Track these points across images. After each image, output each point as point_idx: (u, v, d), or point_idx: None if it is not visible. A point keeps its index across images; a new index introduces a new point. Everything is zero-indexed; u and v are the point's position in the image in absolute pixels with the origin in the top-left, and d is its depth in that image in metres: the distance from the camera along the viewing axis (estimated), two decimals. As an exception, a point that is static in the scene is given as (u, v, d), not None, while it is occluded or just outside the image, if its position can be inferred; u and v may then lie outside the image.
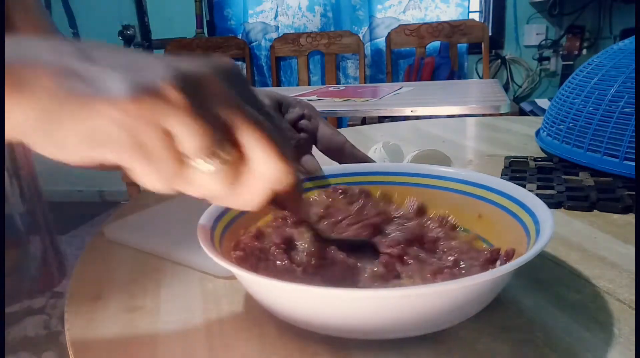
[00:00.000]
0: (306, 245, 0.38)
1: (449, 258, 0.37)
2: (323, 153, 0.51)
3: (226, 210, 0.38)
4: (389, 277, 0.36)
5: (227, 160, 0.25)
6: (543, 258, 0.41)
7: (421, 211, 0.44)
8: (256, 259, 0.36)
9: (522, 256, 0.29)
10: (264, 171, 0.26)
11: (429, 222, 0.42)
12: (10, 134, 0.24)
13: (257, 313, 0.34)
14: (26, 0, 0.60)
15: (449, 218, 0.42)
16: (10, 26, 0.57)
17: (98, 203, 3.05)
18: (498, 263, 0.35)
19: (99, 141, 0.24)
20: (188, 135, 0.24)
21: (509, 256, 0.35)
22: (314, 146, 0.52)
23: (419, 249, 0.38)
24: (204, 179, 0.25)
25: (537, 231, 0.33)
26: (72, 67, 0.23)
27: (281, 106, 0.50)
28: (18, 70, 0.23)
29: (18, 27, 0.58)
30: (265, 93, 0.50)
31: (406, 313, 0.28)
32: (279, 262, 0.36)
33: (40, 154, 0.25)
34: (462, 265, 0.36)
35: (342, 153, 0.50)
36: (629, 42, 0.65)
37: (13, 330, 0.55)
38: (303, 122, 0.50)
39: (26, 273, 0.59)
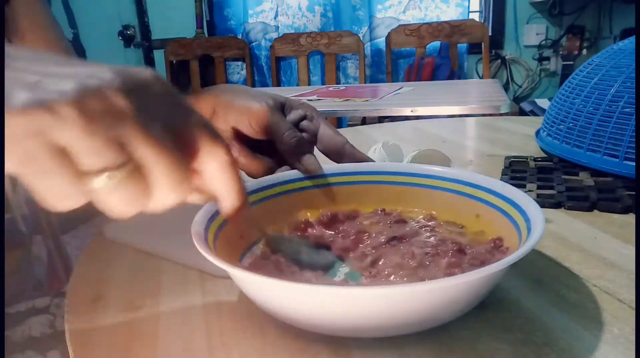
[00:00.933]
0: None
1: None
2: (323, 153, 0.51)
3: (217, 213, 0.38)
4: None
5: (123, 178, 0.24)
6: (543, 258, 0.41)
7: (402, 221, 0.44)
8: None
9: (514, 253, 0.29)
10: (162, 181, 0.25)
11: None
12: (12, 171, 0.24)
13: (257, 313, 0.34)
14: (35, 8, 0.60)
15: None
16: (18, 34, 0.58)
17: (98, 203, 3.04)
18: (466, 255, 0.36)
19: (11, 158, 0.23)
20: (83, 152, 0.23)
21: (497, 245, 0.36)
22: (315, 147, 0.52)
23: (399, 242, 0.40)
24: (109, 198, 0.25)
25: (529, 230, 0.33)
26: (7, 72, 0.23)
27: (284, 107, 0.51)
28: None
29: (25, 36, 0.58)
30: (270, 95, 0.51)
31: (405, 310, 0.29)
32: None
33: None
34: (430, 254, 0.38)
35: (341, 153, 0.50)
36: (629, 42, 0.65)
37: (18, 330, 0.56)
38: (304, 122, 0.51)
39: (30, 273, 0.59)
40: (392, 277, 0.36)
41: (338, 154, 0.51)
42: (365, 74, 2.54)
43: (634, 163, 0.56)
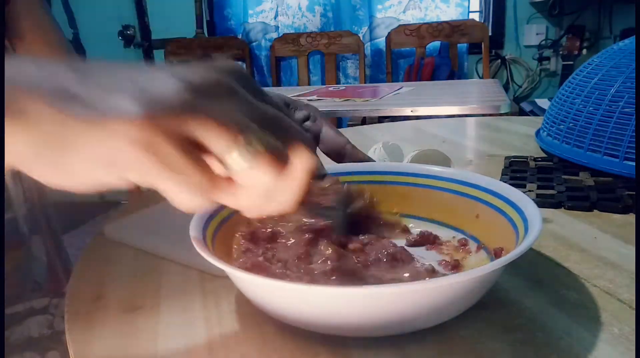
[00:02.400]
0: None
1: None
2: (325, 154, 0.52)
3: (215, 212, 0.38)
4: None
5: (259, 150, 0.24)
6: (543, 258, 0.41)
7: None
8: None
9: (511, 252, 0.29)
10: (300, 161, 0.25)
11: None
12: (11, 162, 0.23)
13: (257, 313, 0.34)
14: (35, 10, 0.60)
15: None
16: (18, 35, 0.57)
17: (98, 203, 3.04)
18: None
19: (117, 164, 0.23)
20: (213, 136, 0.23)
21: (498, 254, 0.36)
22: (317, 148, 0.52)
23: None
24: (244, 177, 0.25)
25: (526, 230, 0.33)
26: (71, 90, 0.23)
27: (288, 106, 0.51)
28: (13, 96, 0.22)
29: (25, 37, 0.58)
30: (275, 94, 0.51)
31: (403, 309, 0.29)
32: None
33: (47, 184, 0.24)
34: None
35: (342, 153, 0.50)
36: (629, 42, 0.65)
37: (17, 330, 0.55)
38: (307, 123, 0.51)
39: (29, 274, 0.59)
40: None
41: (339, 154, 0.51)
42: (365, 74, 2.53)
43: (634, 163, 0.56)
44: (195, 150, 0.24)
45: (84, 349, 0.33)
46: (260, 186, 0.25)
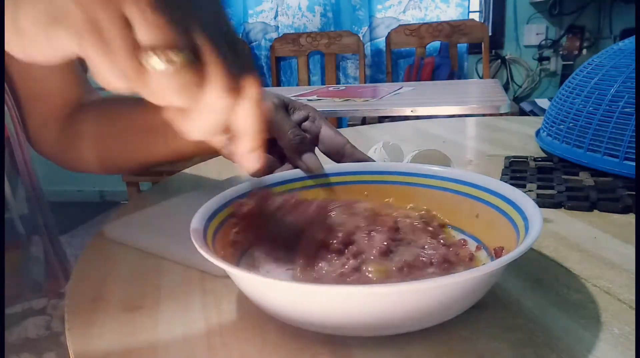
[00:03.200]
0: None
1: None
2: (324, 154, 0.52)
3: (215, 213, 0.38)
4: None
5: (182, 64, 0.24)
6: (543, 258, 0.41)
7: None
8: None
9: (511, 252, 0.29)
10: (215, 81, 0.25)
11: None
12: None
13: (257, 313, 0.34)
14: None
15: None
16: None
17: (98, 203, 3.05)
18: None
19: (56, 19, 0.23)
20: (146, 25, 0.23)
21: (498, 254, 0.36)
22: (316, 148, 0.52)
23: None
24: (160, 82, 0.24)
25: (527, 230, 0.33)
26: None
27: (288, 107, 0.51)
28: None
29: None
30: (274, 94, 0.51)
31: (403, 308, 0.29)
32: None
33: (14, 56, 0.25)
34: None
35: (342, 153, 0.51)
36: (629, 42, 0.65)
37: (14, 331, 0.55)
38: (307, 123, 0.51)
39: (28, 274, 0.59)
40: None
41: (339, 154, 0.51)
42: (365, 74, 2.54)
43: (634, 163, 0.56)
44: (128, 27, 0.23)
45: (84, 349, 0.33)
46: (168, 97, 0.25)
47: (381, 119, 1.74)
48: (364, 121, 2.02)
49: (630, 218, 0.49)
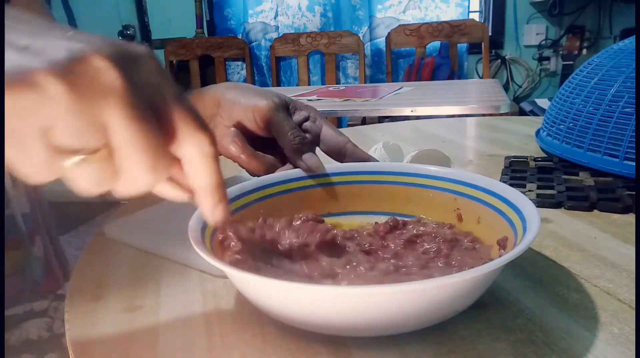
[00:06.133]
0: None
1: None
2: (326, 154, 0.52)
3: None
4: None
5: (97, 158, 0.24)
6: (543, 258, 0.41)
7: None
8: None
9: (510, 252, 0.29)
10: (133, 165, 0.25)
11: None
12: None
13: (257, 313, 0.34)
14: (35, 10, 0.60)
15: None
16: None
17: (98, 203, 3.04)
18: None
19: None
20: (64, 132, 0.22)
21: (502, 245, 0.36)
22: (317, 148, 0.52)
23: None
24: (76, 174, 0.24)
25: (524, 230, 0.33)
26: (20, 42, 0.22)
27: (289, 107, 0.51)
28: None
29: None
30: (275, 93, 0.51)
31: (403, 308, 0.29)
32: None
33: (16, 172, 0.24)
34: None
35: (343, 152, 0.51)
36: (629, 42, 0.65)
37: (16, 333, 0.55)
38: (307, 124, 0.51)
39: (29, 274, 0.58)
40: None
41: (340, 153, 0.51)
42: (365, 74, 2.54)
43: (634, 163, 0.56)
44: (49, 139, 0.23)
45: (84, 349, 0.33)
46: (89, 181, 0.25)
47: (381, 119, 1.74)
48: (364, 121, 2.02)
49: (630, 218, 0.49)
